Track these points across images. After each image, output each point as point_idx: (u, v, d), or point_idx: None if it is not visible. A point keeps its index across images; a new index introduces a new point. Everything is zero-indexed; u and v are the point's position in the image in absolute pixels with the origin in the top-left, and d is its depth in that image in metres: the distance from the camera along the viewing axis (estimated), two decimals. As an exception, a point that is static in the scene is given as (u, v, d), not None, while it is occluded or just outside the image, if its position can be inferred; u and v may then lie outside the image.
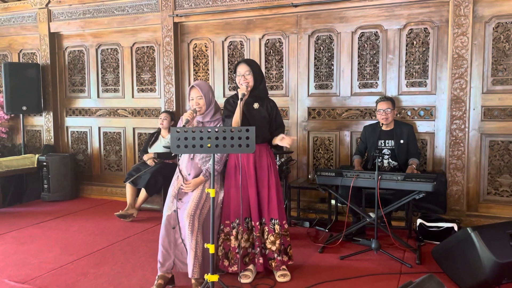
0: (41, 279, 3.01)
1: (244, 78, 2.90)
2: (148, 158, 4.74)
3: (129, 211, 4.49)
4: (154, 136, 4.94)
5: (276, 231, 2.92)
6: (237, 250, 2.92)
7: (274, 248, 2.93)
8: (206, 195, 2.83)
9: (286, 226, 3.01)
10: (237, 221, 2.93)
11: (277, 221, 2.92)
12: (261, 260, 2.94)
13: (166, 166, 4.67)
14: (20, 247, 3.70)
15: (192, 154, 2.90)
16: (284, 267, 2.98)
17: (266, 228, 2.95)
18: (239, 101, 2.82)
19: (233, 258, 2.93)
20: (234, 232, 2.93)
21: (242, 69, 2.92)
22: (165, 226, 2.83)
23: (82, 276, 3.06)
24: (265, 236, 2.95)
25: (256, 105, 2.95)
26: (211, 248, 2.46)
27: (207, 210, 2.82)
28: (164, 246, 2.82)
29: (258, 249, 2.94)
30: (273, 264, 2.95)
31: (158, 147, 4.81)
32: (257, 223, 2.94)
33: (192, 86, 2.93)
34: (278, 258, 2.93)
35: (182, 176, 2.93)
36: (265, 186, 2.94)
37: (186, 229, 2.72)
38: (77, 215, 4.76)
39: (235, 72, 2.98)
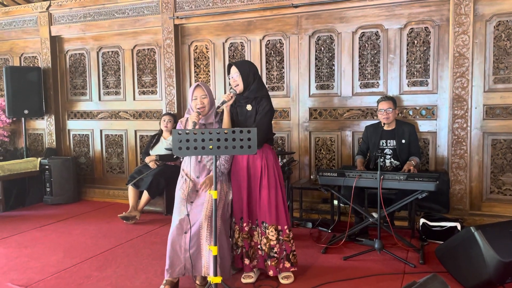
0: (44, 283, 3.01)
1: (233, 80, 2.91)
2: (150, 160, 4.74)
3: (132, 213, 4.49)
4: (155, 138, 4.94)
5: (266, 235, 2.89)
6: (233, 247, 2.98)
7: (266, 250, 2.90)
8: (220, 196, 2.83)
9: (287, 231, 2.94)
10: (234, 220, 2.97)
11: (267, 224, 2.88)
12: (246, 262, 2.94)
13: (168, 168, 4.68)
14: (23, 250, 3.70)
15: (199, 157, 2.88)
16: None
17: (259, 230, 2.93)
18: (224, 107, 2.83)
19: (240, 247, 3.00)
20: (237, 227, 2.98)
21: (232, 71, 2.92)
22: (177, 231, 2.78)
23: (85, 279, 3.06)
24: (260, 238, 2.94)
25: (249, 107, 2.92)
26: (213, 250, 2.46)
27: (221, 210, 2.83)
28: (175, 250, 2.77)
29: (244, 249, 2.95)
30: (270, 268, 2.92)
31: (160, 149, 4.82)
32: (245, 225, 2.94)
33: (197, 84, 2.90)
34: (267, 262, 2.90)
35: (190, 179, 2.91)
36: (256, 189, 2.91)
37: (204, 231, 2.71)
38: (79, 218, 4.76)
39: (228, 74, 2.98)
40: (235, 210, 2.97)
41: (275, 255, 2.90)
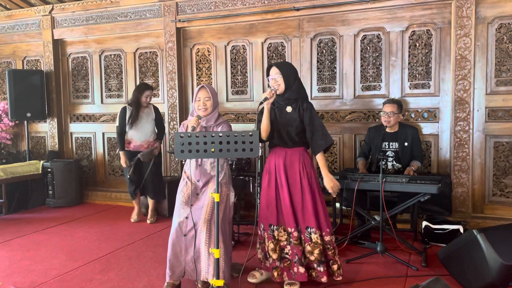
0: (47, 286, 3.01)
1: (275, 81, 2.85)
2: (124, 164, 4.49)
3: (139, 215, 4.70)
4: (131, 115, 4.47)
5: (313, 240, 2.78)
6: (267, 254, 2.87)
7: (312, 258, 2.78)
8: (220, 199, 2.77)
9: (327, 238, 2.81)
10: (262, 227, 2.90)
11: (313, 229, 2.77)
12: (300, 270, 2.77)
13: (157, 165, 4.65)
14: (25, 253, 3.71)
15: (200, 161, 2.87)
16: None
17: (302, 237, 2.81)
18: (264, 105, 2.77)
19: (271, 257, 2.85)
20: (265, 235, 2.88)
21: (272, 72, 2.87)
22: (176, 233, 2.78)
23: (88, 282, 3.06)
24: (303, 245, 2.82)
25: (289, 109, 2.85)
26: (216, 252, 2.46)
27: (223, 213, 2.80)
28: (175, 253, 2.78)
29: (296, 257, 2.78)
30: (313, 274, 2.82)
31: (143, 127, 4.52)
32: (293, 230, 2.80)
33: (202, 86, 2.88)
34: (319, 268, 2.78)
35: (191, 182, 2.90)
36: (298, 192, 2.81)
37: (203, 235, 2.70)
38: (82, 221, 4.77)
39: (268, 75, 2.92)
40: (265, 215, 2.87)
41: (322, 261, 2.79)
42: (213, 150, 2.38)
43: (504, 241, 2.62)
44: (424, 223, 3.73)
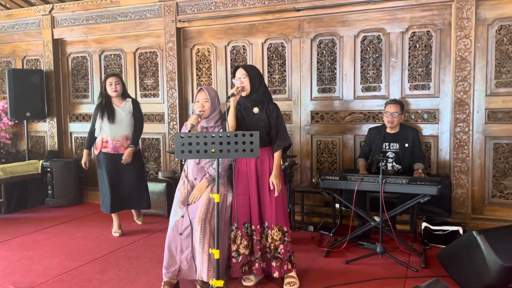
0: (46, 286, 3.01)
1: (240, 82, 2.92)
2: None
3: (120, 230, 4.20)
4: (105, 111, 3.95)
5: (273, 236, 2.87)
6: (233, 254, 2.93)
7: (272, 251, 2.89)
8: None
9: (290, 232, 2.96)
10: (235, 225, 2.93)
11: (273, 225, 2.87)
12: (260, 265, 2.91)
13: (140, 165, 4.21)
14: (25, 253, 3.71)
15: (198, 159, 2.90)
16: (293, 274, 2.93)
17: (266, 232, 2.92)
18: (231, 100, 2.83)
19: (242, 254, 2.93)
20: (232, 235, 2.94)
21: (239, 73, 2.95)
22: (172, 232, 2.81)
23: (87, 282, 3.06)
24: (269, 241, 2.91)
25: (256, 110, 2.93)
26: (215, 253, 2.46)
27: (220, 212, 2.82)
28: (171, 251, 2.81)
29: (259, 253, 2.91)
30: (275, 269, 2.90)
31: (121, 121, 4.00)
32: (258, 227, 2.91)
33: (201, 88, 2.95)
34: (272, 263, 2.88)
35: (188, 181, 2.92)
36: (267, 190, 2.90)
37: (197, 234, 2.71)
38: (81, 221, 4.76)
39: (233, 77, 3.00)
40: (239, 214, 2.94)
41: (280, 256, 2.89)
42: (213, 150, 2.38)
43: (504, 242, 2.62)
44: (424, 224, 3.73)
